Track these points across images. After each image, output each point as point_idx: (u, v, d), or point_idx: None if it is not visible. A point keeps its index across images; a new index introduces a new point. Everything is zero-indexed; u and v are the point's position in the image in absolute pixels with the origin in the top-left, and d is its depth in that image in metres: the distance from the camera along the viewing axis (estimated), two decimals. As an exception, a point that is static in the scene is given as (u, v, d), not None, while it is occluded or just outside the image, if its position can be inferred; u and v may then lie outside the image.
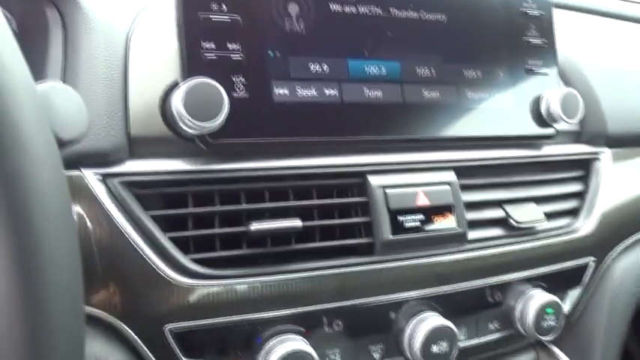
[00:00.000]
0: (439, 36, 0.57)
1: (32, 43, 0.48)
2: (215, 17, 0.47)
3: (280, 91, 0.49)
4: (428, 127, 0.55)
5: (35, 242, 0.26)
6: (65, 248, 0.28)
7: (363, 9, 0.53)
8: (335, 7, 0.52)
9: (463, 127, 0.57)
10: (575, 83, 0.68)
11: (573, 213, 0.65)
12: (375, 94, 0.53)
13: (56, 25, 0.46)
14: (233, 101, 0.46)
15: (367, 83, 0.53)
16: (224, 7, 0.47)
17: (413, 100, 0.55)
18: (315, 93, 0.50)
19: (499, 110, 0.59)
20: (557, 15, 0.65)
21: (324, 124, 0.51)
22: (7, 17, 0.51)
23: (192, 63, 0.46)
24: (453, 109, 0.57)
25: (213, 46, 0.46)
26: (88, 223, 0.44)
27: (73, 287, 0.29)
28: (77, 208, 0.44)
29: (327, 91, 0.51)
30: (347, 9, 0.52)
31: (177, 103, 0.43)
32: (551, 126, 0.62)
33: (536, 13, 0.62)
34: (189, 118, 0.43)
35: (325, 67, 0.51)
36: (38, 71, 0.45)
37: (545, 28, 0.63)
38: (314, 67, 0.51)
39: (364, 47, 0.53)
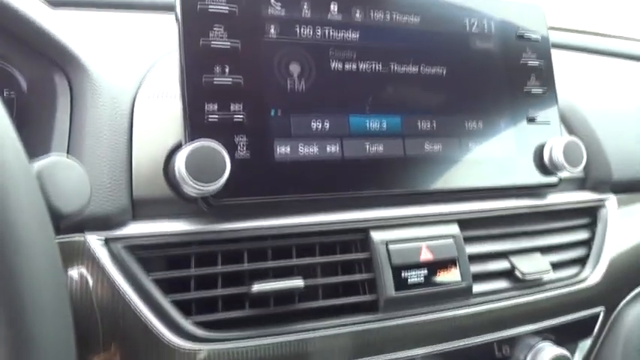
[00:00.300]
0: (440, 89, 0.57)
1: (40, 105, 0.49)
2: (218, 80, 0.47)
3: (282, 150, 0.49)
4: (430, 180, 0.55)
5: (27, 327, 0.26)
6: (58, 332, 0.28)
7: (363, 66, 0.54)
8: (336, 64, 0.53)
9: (466, 178, 0.57)
10: (578, 130, 0.68)
11: (580, 262, 0.65)
12: (376, 148, 0.53)
13: (64, 91, 0.47)
14: (235, 162, 0.46)
15: (368, 138, 0.53)
16: (227, 69, 0.48)
17: (414, 153, 0.55)
18: (316, 150, 0.51)
19: (502, 160, 0.59)
20: (555, 54, 0.65)
21: (326, 180, 0.51)
22: (17, 78, 0.52)
23: (194, 125, 0.46)
24: (455, 161, 0.57)
25: (215, 107, 0.47)
26: (91, 285, 0.44)
27: None
28: (81, 269, 0.44)
29: (328, 148, 0.51)
30: (347, 66, 0.53)
31: (179, 165, 0.44)
32: (554, 174, 0.62)
33: (535, 63, 0.63)
34: (192, 181, 0.44)
35: (327, 124, 0.51)
36: (45, 136, 0.46)
37: (545, 77, 0.64)
38: (315, 125, 0.51)
39: (365, 103, 0.53)
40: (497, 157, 0.59)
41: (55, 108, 0.47)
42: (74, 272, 0.44)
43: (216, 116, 0.47)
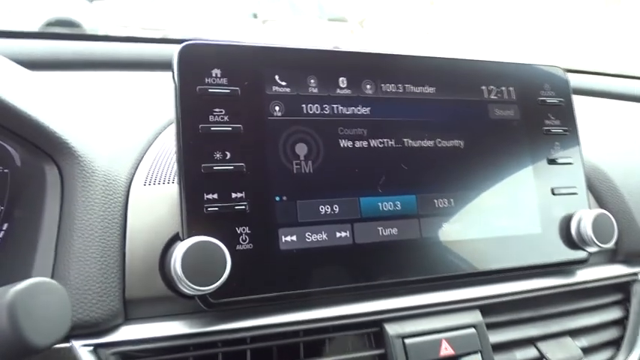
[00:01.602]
0: (458, 163, 0.53)
1: (32, 188, 0.46)
2: (218, 167, 0.44)
3: (288, 239, 0.46)
4: (449, 264, 0.51)
5: None
6: None
7: (374, 143, 0.50)
8: (345, 143, 0.49)
9: (488, 260, 0.53)
10: (608, 199, 0.63)
11: (615, 344, 0.59)
12: (390, 231, 0.49)
13: (54, 181, 0.44)
14: (237, 255, 0.42)
15: (381, 221, 0.49)
16: (228, 155, 0.45)
17: (431, 235, 0.51)
18: (325, 237, 0.47)
19: (526, 237, 0.55)
20: (579, 106, 0.60)
21: (336, 270, 0.47)
22: (10, 152, 0.50)
23: (192, 218, 0.43)
24: (476, 242, 0.52)
25: (215, 197, 0.44)
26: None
27: None
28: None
29: (338, 234, 0.47)
30: (358, 144, 0.50)
31: (175, 264, 0.40)
32: (583, 249, 0.57)
33: (560, 130, 0.59)
34: (187, 282, 0.40)
35: (336, 208, 0.48)
36: (33, 233, 0.43)
37: (571, 145, 0.59)
38: (324, 209, 0.47)
39: (377, 183, 0.50)
40: (521, 234, 0.55)
41: (44, 199, 0.44)
42: (63, 374, 0.40)
43: (216, 207, 0.43)
